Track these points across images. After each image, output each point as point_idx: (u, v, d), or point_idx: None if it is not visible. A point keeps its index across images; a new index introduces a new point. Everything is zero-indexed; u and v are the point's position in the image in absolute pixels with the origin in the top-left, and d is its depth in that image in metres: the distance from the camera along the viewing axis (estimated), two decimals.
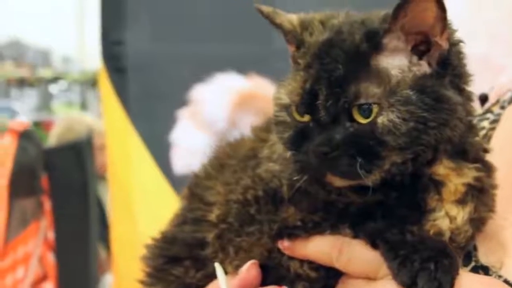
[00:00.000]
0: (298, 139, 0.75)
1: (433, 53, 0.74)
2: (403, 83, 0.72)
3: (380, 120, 0.71)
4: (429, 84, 0.72)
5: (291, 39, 0.79)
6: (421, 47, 0.74)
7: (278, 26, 0.80)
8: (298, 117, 0.75)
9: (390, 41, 0.73)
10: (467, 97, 0.77)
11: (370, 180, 0.72)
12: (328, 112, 0.72)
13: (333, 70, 0.72)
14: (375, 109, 0.71)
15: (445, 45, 0.74)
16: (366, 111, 0.71)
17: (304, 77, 0.74)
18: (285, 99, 0.77)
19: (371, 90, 0.71)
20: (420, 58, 0.74)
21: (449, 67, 0.74)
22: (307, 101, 0.74)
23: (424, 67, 0.73)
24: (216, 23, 2.66)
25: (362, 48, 0.73)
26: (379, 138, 0.71)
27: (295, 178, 0.75)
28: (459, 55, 0.76)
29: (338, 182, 0.74)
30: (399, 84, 0.71)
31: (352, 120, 0.72)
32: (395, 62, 0.73)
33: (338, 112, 0.72)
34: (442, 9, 0.72)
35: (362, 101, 0.71)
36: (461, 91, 0.75)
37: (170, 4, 2.68)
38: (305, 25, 0.78)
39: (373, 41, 0.73)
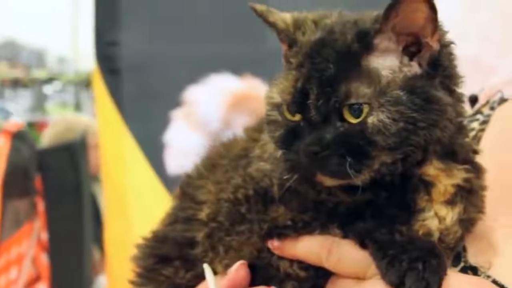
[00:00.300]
0: (289, 138, 0.75)
1: (424, 54, 0.74)
2: (393, 84, 0.72)
3: (370, 120, 0.71)
4: (419, 84, 0.72)
5: (284, 38, 0.79)
6: (412, 48, 0.74)
7: (272, 25, 0.80)
8: (289, 116, 0.75)
9: (381, 41, 0.73)
10: (457, 98, 0.77)
11: (360, 179, 0.72)
12: (318, 111, 0.72)
13: (324, 69, 0.72)
14: (365, 109, 0.71)
15: (436, 46, 0.74)
16: (356, 111, 0.71)
17: (295, 76, 0.75)
18: (277, 98, 0.77)
19: (362, 90, 0.71)
20: (411, 59, 0.74)
21: (439, 68, 0.74)
22: (298, 100, 0.74)
23: (414, 68, 0.73)
24: (210, 24, 2.66)
25: (353, 48, 0.73)
26: (369, 138, 0.71)
27: (285, 177, 0.76)
28: (450, 56, 0.76)
29: (328, 181, 0.74)
30: (389, 85, 0.72)
31: (343, 119, 0.72)
32: (386, 63, 0.73)
33: (328, 112, 0.72)
34: (433, 10, 0.71)
35: (352, 101, 0.71)
36: (452, 92, 0.75)
37: (164, 5, 2.68)
38: (298, 24, 0.78)
39: (364, 41, 0.73)
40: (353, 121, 0.71)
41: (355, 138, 0.71)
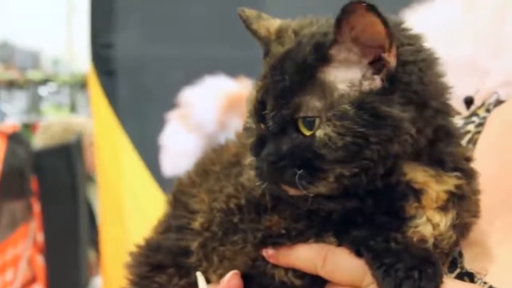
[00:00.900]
0: (258, 146, 0.75)
1: (385, 69, 0.72)
2: (345, 98, 0.70)
3: (318, 133, 0.70)
4: (369, 100, 0.70)
5: (262, 47, 0.80)
6: (382, 61, 0.72)
7: (253, 33, 0.80)
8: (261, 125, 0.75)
9: (339, 52, 0.72)
10: (439, 109, 0.75)
11: (312, 191, 0.71)
12: (274, 122, 0.72)
13: (281, 81, 0.72)
14: (317, 122, 0.71)
15: (392, 61, 0.71)
16: (309, 124, 0.71)
17: (259, 86, 0.75)
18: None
19: (312, 103, 0.71)
20: (378, 72, 0.71)
21: (397, 84, 0.71)
22: (259, 110, 0.74)
23: (376, 82, 0.71)
24: (206, 25, 2.65)
25: (309, 60, 0.72)
26: (316, 151, 0.70)
27: (257, 184, 0.76)
28: (420, 73, 0.73)
29: (291, 191, 0.73)
30: (340, 98, 0.70)
31: (299, 131, 0.72)
32: (347, 75, 0.72)
33: (284, 123, 0.72)
34: (385, 24, 0.69)
35: (302, 114, 0.71)
36: (421, 106, 0.72)
37: (160, 7, 2.68)
38: (279, 34, 0.78)
39: (320, 53, 0.72)
40: (307, 133, 0.71)
41: (305, 151, 0.71)
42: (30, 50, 7.77)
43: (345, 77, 0.71)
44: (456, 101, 0.78)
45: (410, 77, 0.72)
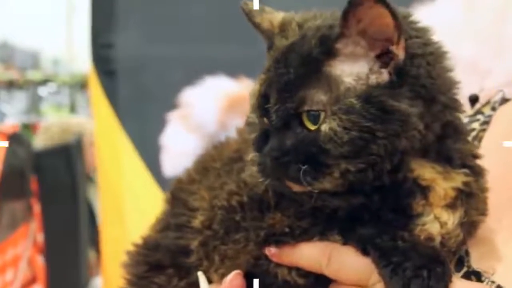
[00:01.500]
0: (262, 140, 0.73)
1: (393, 62, 0.70)
2: (351, 91, 0.69)
3: (323, 127, 0.69)
4: (376, 93, 0.68)
5: (265, 40, 0.78)
6: (390, 54, 0.70)
7: (256, 26, 0.79)
8: (264, 119, 0.74)
9: (345, 46, 0.70)
10: (446, 105, 0.73)
11: (316, 187, 0.70)
12: (277, 116, 0.71)
13: (285, 74, 0.71)
14: (322, 116, 0.69)
15: (401, 54, 0.69)
16: (314, 118, 0.70)
17: (262, 80, 0.74)
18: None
19: (317, 97, 0.69)
20: (386, 66, 0.70)
21: (405, 77, 0.70)
22: (262, 104, 0.73)
23: (383, 76, 0.70)
24: (206, 25, 2.66)
25: (314, 53, 0.70)
26: (321, 146, 0.69)
27: (260, 180, 0.74)
28: (428, 66, 0.71)
29: (295, 187, 0.72)
30: (346, 92, 0.69)
31: (303, 125, 0.70)
32: (353, 69, 0.70)
33: (288, 117, 0.70)
34: (394, 16, 0.68)
35: (306, 107, 0.69)
36: (429, 101, 0.71)
37: (160, 7, 2.69)
38: (283, 27, 0.76)
39: (326, 46, 0.70)
40: (312, 127, 0.70)
41: (310, 146, 0.69)
42: (30, 50, 7.77)
43: (352, 70, 0.70)
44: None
45: (418, 71, 0.70)
